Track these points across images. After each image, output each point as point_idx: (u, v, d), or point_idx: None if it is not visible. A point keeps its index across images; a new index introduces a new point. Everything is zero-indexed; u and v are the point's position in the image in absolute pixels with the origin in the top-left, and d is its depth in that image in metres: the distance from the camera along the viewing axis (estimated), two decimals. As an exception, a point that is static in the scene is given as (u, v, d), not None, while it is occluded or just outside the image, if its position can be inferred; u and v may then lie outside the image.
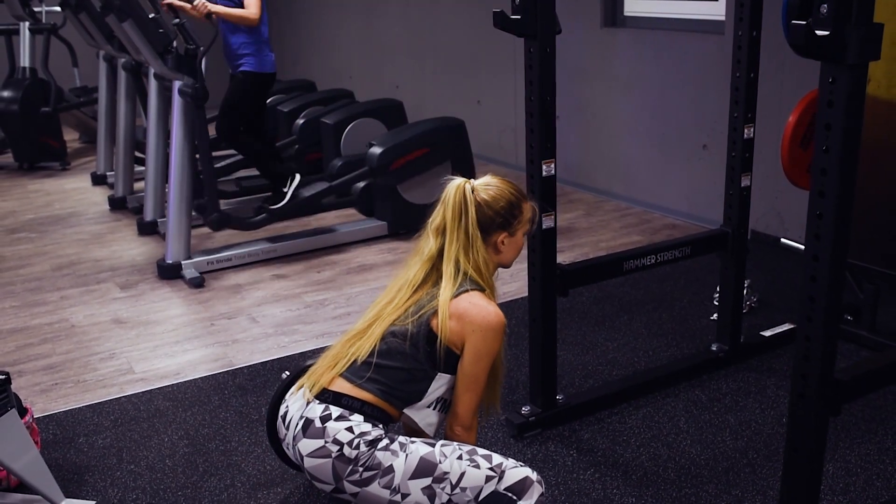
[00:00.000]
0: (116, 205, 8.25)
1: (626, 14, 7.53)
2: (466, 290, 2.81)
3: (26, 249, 7.05)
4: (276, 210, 6.77)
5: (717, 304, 4.89)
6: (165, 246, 6.37)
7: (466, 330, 2.77)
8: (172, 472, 3.81)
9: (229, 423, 4.20)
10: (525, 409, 4.05)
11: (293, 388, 2.97)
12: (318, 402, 2.77)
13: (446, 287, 2.81)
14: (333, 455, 2.68)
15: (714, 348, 4.63)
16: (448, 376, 2.85)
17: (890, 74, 4.49)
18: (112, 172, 8.89)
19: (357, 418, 2.72)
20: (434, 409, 2.89)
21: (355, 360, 2.81)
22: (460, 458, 2.71)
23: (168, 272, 6.24)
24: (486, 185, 2.91)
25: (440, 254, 2.88)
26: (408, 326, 2.81)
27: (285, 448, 2.93)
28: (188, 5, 6.28)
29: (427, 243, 2.91)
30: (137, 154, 8.24)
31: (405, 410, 2.85)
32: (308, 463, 2.73)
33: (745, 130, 4.26)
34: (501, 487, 2.68)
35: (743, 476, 3.63)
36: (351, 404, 2.74)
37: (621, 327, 5.12)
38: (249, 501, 3.58)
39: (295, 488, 3.65)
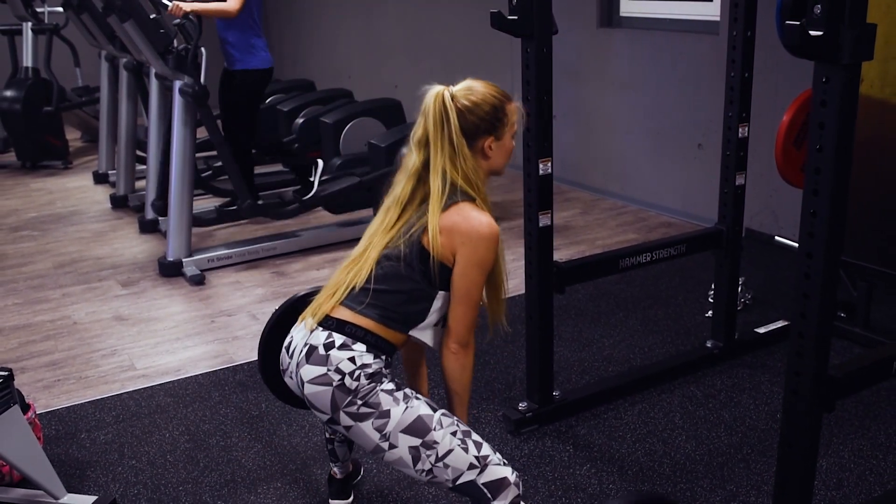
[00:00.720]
0: (118, 203, 8.25)
1: (621, 14, 7.53)
2: (455, 202, 2.72)
3: (29, 247, 7.05)
4: (307, 200, 6.74)
5: (711, 301, 4.89)
6: (166, 244, 6.37)
7: (456, 242, 2.68)
8: (173, 468, 3.81)
9: (229, 419, 4.20)
10: (522, 405, 4.05)
11: (298, 320, 2.91)
12: (321, 329, 2.71)
13: (434, 201, 2.71)
14: (334, 384, 2.63)
15: (709, 345, 4.63)
16: (446, 293, 2.77)
17: (883, 74, 4.49)
18: (114, 171, 8.89)
19: (360, 348, 2.66)
20: (440, 327, 2.82)
21: (354, 287, 2.74)
22: (454, 434, 2.66)
23: (169, 270, 6.24)
24: (466, 90, 2.78)
25: (426, 167, 2.77)
26: (400, 247, 2.73)
27: (287, 378, 2.86)
28: (213, 8, 6.28)
29: (411, 158, 2.80)
30: (139, 153, 8.25)
31: (411, 333, 2.78)
32: (308, 389, 2.68)
33: (740, 129, 4.26)
34: (480, 480, 2.64)
35: (737, 471, 3.63)
36: (354, 332, 2.68)
37: (617, 324, 5.12)
38: (249, 496, 3.58)
39: (294, 483, 3.65)
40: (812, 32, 2.27)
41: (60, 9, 8.82)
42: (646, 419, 4.07)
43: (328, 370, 2.64)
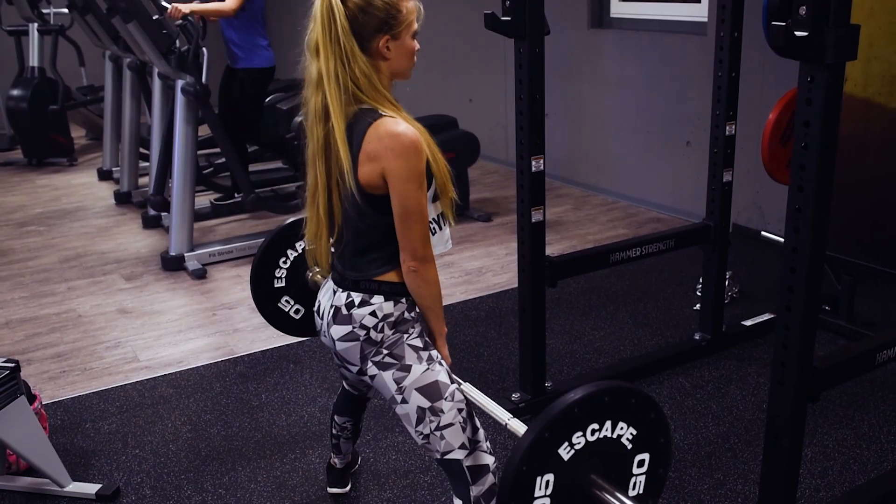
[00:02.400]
0: (122, 199, 8.24)
1: (612, 16, 7.52)
2: (366, 126, 2.53)
3: (35, 242, 7.03)
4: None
5: (699, 294, 4.89)
6: (169, 239, 6.36)
7: (383, 167, 2.49)
8: (176, 457, 3.81)
9: (230, 410, 4.19)
10: (515, 396, 4.05)
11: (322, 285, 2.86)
12: (341, 290, 2.69)
13: (336, 118, 2.52)
14: (361, 338, 2.63)
15: (697, 337, 4.63)
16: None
17: (866, 74, 4.49)
18: (118, 168, 8.87)
19: (378, 300, 2.63)
20: (433, 234, 2.71)
21: (334, 234, 2.69)
22: (461, 410, 2.66)
23: (171, 264, 6.24)
24: None
25: (321, 76, 2.56)
26: (339, 187, 2.60)
27: (322, 337, 2.81)
28: (211, 8, 6.28)
29: (310, 67, 2.59)
30: (142, 150, 8.24)
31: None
32: (339, 346, 2.68)
33: (727, 127, 4.26)
34: (466, 462, 2.64)
35: (725, 460, 3.63)
36: (368, 287, 2.64)
37: (608, 317, 5.12)
38: (250, 485, 3.58)
39: (294, 472, 3.65)
40: (797, 33, 2.27)
41: (66, 10, 8.83)
42: (635, 409, 4.07)
43: (353, 327, 2.64)
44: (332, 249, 2.79)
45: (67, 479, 3.54)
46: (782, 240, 2.62)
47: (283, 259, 3.35)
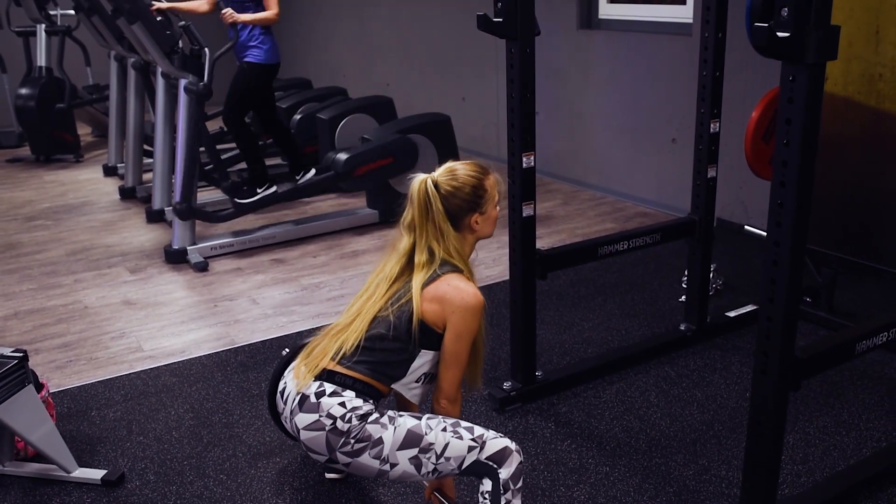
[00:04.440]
0: (126, 194, 8.23)
1: (600, 17, 7.51)
2: (443, 274, 2.77)
3: (42, 236, 7.02)
4: (243, 205, 6.77)
5: (685, 286, 4.89)
6: (172, 233, 6.35)
7: (447, 311, 2.73)
8: (178, 443, 3.80)
9: (231, 398, 4.19)
10: (506, 385, 4.04)
11: (291, 366, 2.95)
12: (313, 379, 2.75)
13: (419, 271, 2.77)
14: (327, 428, 2.66)
15: (682, 328, 4.63)
16: (430, 353, 2.81)
17: (846, 73, 4.49)
18: (122, 164, 8.84)
19: (349, 394, 2.70)
20: (419, 382, 2.87)
21: (343, 350, 2.79)
22: (444, 430, 2.69)
23: (174, 257, 6.23)
24: (448, 176, 2.83)
25: (414, 248, 2.83)
26: (389, 316, 2.77)
27: (283, 421, 2.90)
28: (184, 6, 6.29)
29: (401, 240, 2.86)
30: (146, 147, 8.24)
31: (393, 386, 2.83)
32: (304, 436, 2.72)
33: (712, 125, 4.25)
34: (483, 457, 2.67)
35: (709, 447, 3.63)
36: (343, 381, 2.72)
37: (596, 308, 5.12)
38: (250, 470, 3.57)
39: (293, 458, 3.64)
40: (779, 34, 2.26)
41: (72, 11, 8.82)
42: (623, 398, 4.07)
43: (320, 416, 2.68)
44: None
45: (74, 465, 3.53)
46: (765, 234, 2.62)
47: None
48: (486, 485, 2.69)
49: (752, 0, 2.36)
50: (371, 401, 2.74)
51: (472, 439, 2.68)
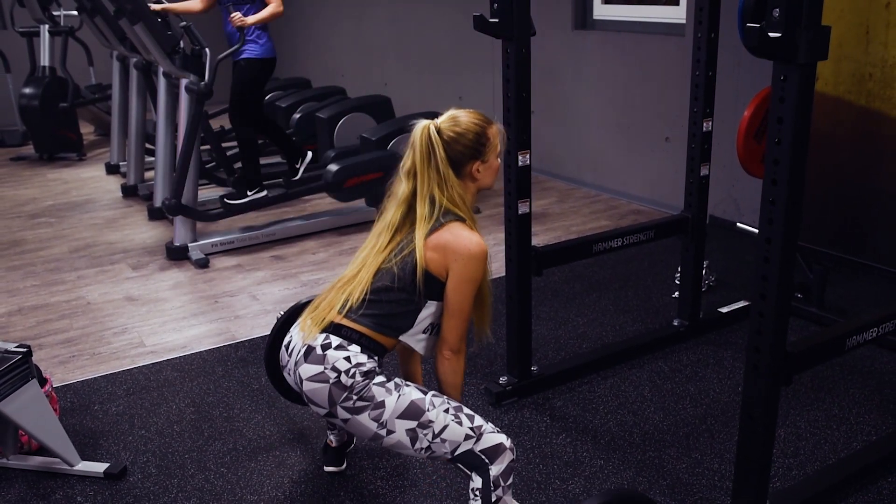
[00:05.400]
0: (128, 192, 8.22)
1: (595, 18, 7.50)
2: (446, 222, 2.74)
3: (46, 233, 7.01)
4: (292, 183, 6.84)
5: (678, 283, 4.88)
6: (173, 230, 6.34)
7: (449, 259, 2.71)
8: (179, 437, 3.80)
9: (232, 392, 4.18)
10: (502, 379, 4.04)
11: (297, 321, 2.92)
12: (319, 331, 2.73)
13: (421, 221, 2.74)
14: (331, 381, 2.64)
15: (675, 323, 4.63)
16: (435, 303, 2.79)
17: (837, 73, 4.49)
18: (124, 162, 8.84)
19: (354, 349, 2.68)
20: (427, 333, 2.84)
21: (349, 302, 2.75)
22: (447, 411, 2.67)
23: (175, 254, 6.22)
24: (451, 122, 2.80)
25: (414, 194, 2.79)
26: (393, 267, 2.74)
27: (286, 374, 2.86)
28: (180, 7, 6.29)
29: (400, 186, 2.82)
30: (148, 146, 8.22)
31: (401, 338, 2.81)
32: (307, 387, 2.69)
33: (704, 124, 4.25)
34: (477, 448, 2.65)
35: (702, 441, 3.63)
36: (349, 335, 2.70)
37: (591, 304, 5.12)
38: (250, 464, 3.57)
39: (292, 451, 3.64)
40: (771, 34, 2.26)
41: (75, 12, 8.81)
42: (617, 392, 4.07)
43: (325, 368, 2.65)
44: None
45: (77, 459, 3.53)
46: (757, 231, 2.62)
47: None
48: (476, 481, 2.67)
49: (745, 1, 2.36)
50: (376, 357, 2.72)
51: (471, 428, 2.66)
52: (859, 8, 4.36)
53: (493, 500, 2.64)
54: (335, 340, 2.69)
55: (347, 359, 2.66)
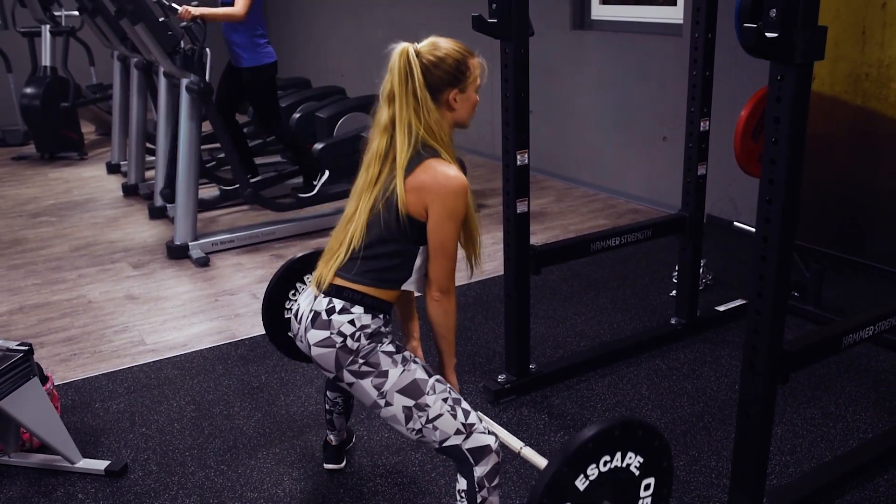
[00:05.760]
0: (129, 191, 8.22)
1: (593, 18, 7.50)
2: (422, 160, 2.63)
3: (47, 232, 7.01)
4: (303, 199, 6.81)
5: (675, 281, 4.89)
6: (174, 229, 6.34)
7: (427, 199, 2.60)
8: (180, 435, 3.80)
9: (232, 390, 4.18)
10: (501, 377, 4.04)
11: (308, 284, 2.89)
12: (323, 295, 2.70)
13: (400, 157, 2.63)
14: (337, 345, 2.63)
15: (673, 322, 4.63)
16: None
17: (833, 73, 4.48)
18: (125, 162, 8.84)
19: (358, 310, 2.65)
20: (424, 275, 2.76)
21: (349, 251, 2.69)
22: (446, 400, 2.65)
23: (176, 253, 6.22)
24: (431, 45, 2.70)
25: (394, 121, 2.68)
26: (380, 212, 2.65)
27: (297, 342, 2.82)
28: (220, 13, 6.28)
29: (382, 113, 2.71)
30: (148, 145, 8.23)
31: (403, 288, 2.75)
32: (315, 352, 2.68)
33: (702, 123, 4.25)
34: (465, 446, 2.63)
35: (699, 438, 3.63)
36: (351, 296, 2.65)
37: (588, 303, 5.12)
38: (250, 461, 3.57)
39: (292, 449, 3.64)
40: (768, 34, 2.26)
41: (76, 12, 8.80)
42: (614, 390, 4.07)
43: (331, 333, 2.63)
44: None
45: (78, 456, 3.53)
46: (754, 230, 2.61)
47: (293, 292, 3.34)
48: (462, 483, 2.65)
49: (742, 1, 2.36)
50: (381, 315, 2.68)
51: (464, 424, 2.65)
52: (855, 8, 4.35)
53: (479, 500, 2.63)
54: (338, 304, 2.66)
55: (352, 322, 2.63)
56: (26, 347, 3.36)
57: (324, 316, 2.66)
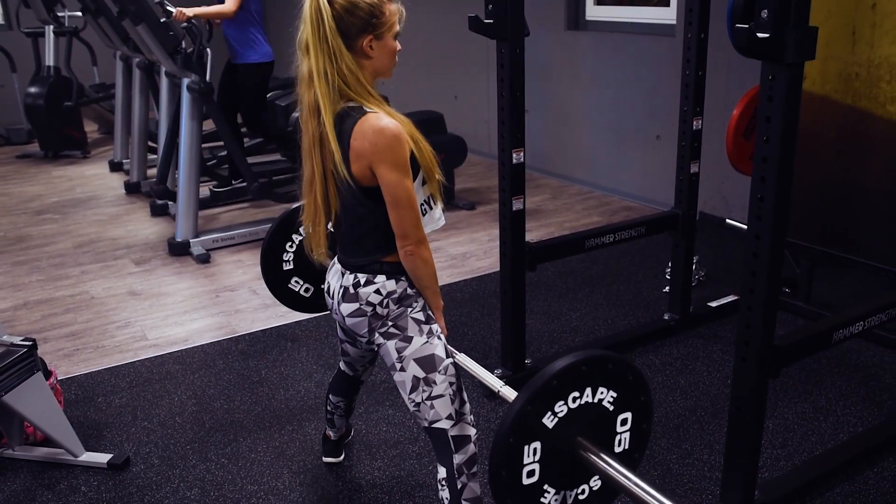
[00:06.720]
0: (131, 189, 8.21)
1: (587, 18, 7.50)
2: (354, 123, 2.49)
3: (51, 229, 7.00)
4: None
5: (668, 277, 4.88)
6: (175, 226, 6.33)
7: (368, 164, 2.48)
8: (181, 429, 3.79)
9: (232, 385, 4.18)
10: (497, 372, 4.04)
11: (334, 261, 2.82)
12: (348, 272, 2.68)
13: (325, 110, 2.51)
14: (369, 314, 2.64)
15: (666, 317, 4.63)
16: None
17: (824, 72, 4.48)
18: (128, 160, 8.82)
19: (381, 279, 2.63)
20: (424, 215, 2.69)
21: (332, 217, 2.66)
22: (451, 384, 2.65)
23: (178, 249, 6.21)
24: None
25: (311, 73, 2.55)
26: (337, 186, 2.58)
27: (333, 314, 2.80)
28: (212, 11, 6.28)
29: (301, 65, 2.59)
30: (150, 144, 8.22)
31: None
32: (349, 322, 2.69)
33: (694, 122, 4.25)
34: (451, 432, 2.64)
35: (692, 432, 3.63)
36: (371, 268, 2.63)
37: (583, 299, 5.12)
38: (250, 454, 3.56)
39: (291, 442, 3.64)
40: (759, 34, 2.26)
41: (79, 13, 8.78)
42: (609, 384, 4.07)
43: (360, 304, 2.64)
44: (332, 232, 2.77)
45: (81, 450, 3.52)
46: (746, 227, 2.61)
47: (290, 243, 3.33)
48: (441, 472, 2.67)
49: (734, 2, 2.35)
50: (404, 277, 2.65)
51: (456, 412, 2.65)
52: (846, 9, 4.35)
53: (459, 486, 2.65)
54: (362, 277, 2.65)
55: (378, 291, 2.63)
56: (30, 343, 3.35)
57: (351, 290, 2.66)
